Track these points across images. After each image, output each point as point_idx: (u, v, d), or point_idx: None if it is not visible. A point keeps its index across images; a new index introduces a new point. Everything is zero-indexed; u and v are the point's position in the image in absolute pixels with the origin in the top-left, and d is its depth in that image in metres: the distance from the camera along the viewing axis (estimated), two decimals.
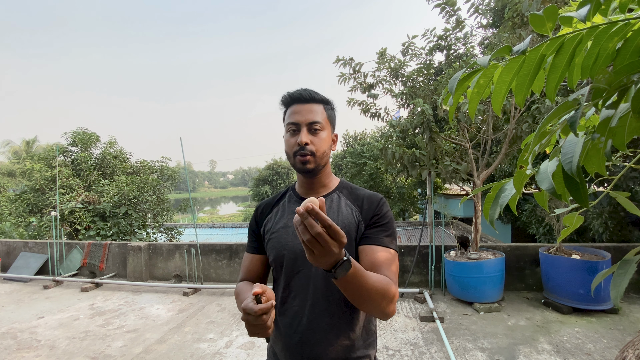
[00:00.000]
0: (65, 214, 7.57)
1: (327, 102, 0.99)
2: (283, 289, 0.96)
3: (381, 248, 0.89)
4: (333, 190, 1.02)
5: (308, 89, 0.96)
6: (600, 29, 0.39)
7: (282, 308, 0.96)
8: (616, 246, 4.21)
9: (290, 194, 1.05)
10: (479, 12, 4.44)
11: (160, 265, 5.46)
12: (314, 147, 0.93)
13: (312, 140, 0.93)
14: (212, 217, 39.72)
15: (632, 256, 0.53)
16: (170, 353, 3.06)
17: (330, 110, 1.00)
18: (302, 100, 0.95)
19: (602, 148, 0.37)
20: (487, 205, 0.54)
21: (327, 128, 0.97)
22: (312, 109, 0.94)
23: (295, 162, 0.94)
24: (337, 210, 0.96)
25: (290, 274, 0.94)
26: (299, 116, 0.93)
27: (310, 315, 0.91)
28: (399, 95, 4.69)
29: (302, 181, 1.02)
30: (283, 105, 0.99)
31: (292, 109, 0.95)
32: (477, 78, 0.47)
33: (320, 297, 0.91)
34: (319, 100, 0.97)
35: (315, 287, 0.92)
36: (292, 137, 0.94)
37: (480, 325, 3.37)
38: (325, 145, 0.96)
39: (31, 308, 4.30)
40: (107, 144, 9.77)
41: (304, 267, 0.93)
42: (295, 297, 0.94)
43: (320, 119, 0.94)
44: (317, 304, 0.91)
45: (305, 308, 0.92)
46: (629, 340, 2.51)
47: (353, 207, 0.97)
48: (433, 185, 11.63)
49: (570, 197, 0.39)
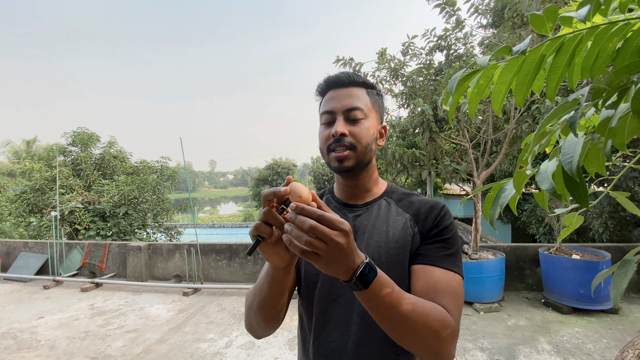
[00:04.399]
0: (65, 214, 7.57)
1: (371, 85, 0.80)
2: (317, 316, 0.76)
3: (441, 270, 0.69)
4: (380, 196, 0.83)
5: (347, 72, 0.78)
6: (600, 29, 0.39)
7: (317, 338, 0.76)
8: (616, 246, 4.21)
9: (328, 198, 0.87)
10: (479, 12, 4.43)
11: (160, 265, 5.46)
12: (353, 139, 0.74)
13: (351, 130, 0.74)
14: (212, 217, 39.72)
15: (632, 256, 0.53)
16: (170, 353, 3.06)
17: (375, 95, 0.80)
18: (340, 84, 0.77)
19: (602, 148, 0.37)
20: (487, 205, 0.54)
21: (372, 116, 0.78)
22: (351, 92, 0.76)
23: (330, 160, 0.76)
24: (386, 220, 0.77)
25: (327, 300, 0.76)
26: (335, 102, 0.76)
27: (354, 355, 0.72)
28: (399, 95, 4.69)
29: (342, 184, 0.83)
30: (319, 94, 0.82)
31: (328, 95, 0.78)
32: (477, 78, 0.47)
33: (368, 332, 0.72)
34: (361, 83, 0.78)
35: (362, 318, 0.72)
36: (327, 129, 0.76)
37: (480, 325, 3.37)
38: (369, 137, 0.76)
39: (31, 308, 4.30)
40: (107, 144, 9.78)
41: (344, 291, 0.74)
42: (335, 329, 0.74)
43: (362, 104, 0.76)
44: (364, 342, 0.72)
45: (347, 344, 0.73)
46: (629, 340, 2.51)
47: (406, 216, 0.77)
48: (433, 185, 11.63)
49: (570, 197, 0.39)
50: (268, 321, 0.72)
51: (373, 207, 0.80)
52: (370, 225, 0.78)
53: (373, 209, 0.80)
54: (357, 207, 0.81)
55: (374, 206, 0.81)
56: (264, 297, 0.68)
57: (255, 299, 0.70)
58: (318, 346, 0.76)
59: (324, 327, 0.76)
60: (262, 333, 0.76)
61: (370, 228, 0.77)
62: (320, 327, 0.76)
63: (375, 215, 0.79)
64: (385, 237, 0.75)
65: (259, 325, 0.74)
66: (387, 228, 0.76)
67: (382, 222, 0.78)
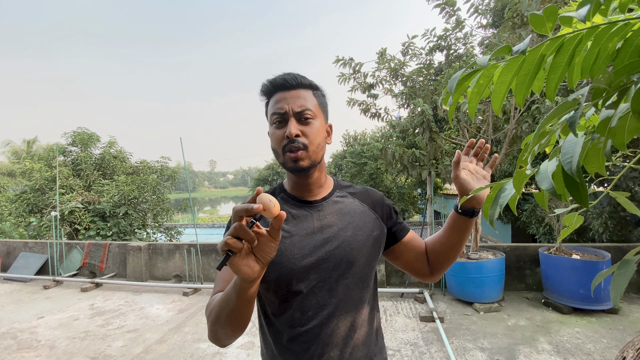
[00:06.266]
0: (65, 214, 7.57)
1: (316, 87, 0.85)
2: (294, 310, 0.80)
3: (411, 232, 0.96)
4: (332, 190, 0.91)
5: (293, 73, 0.81)
6: (600, 29, 0.39)
7: (292, 332, 0.80)
8: (616, 246, 4.20)
9: (283, 197, 0.89)
10: (478, 12, 4.43)
11: (160, 265, 5.46)
12: (306, 139, 0.77)
13: (304, 130, 0.78)
14: (212, 217, 39.69)
15: (632, 256, 0.53)
16: (170, 353, 3.06)
17: (320, 96, 0.85)
18: (288, 86, 0.80)
19: (602, 148, 0.37)
20: (487, 205, 0.54)
21: (320, 116, 0.82)
22: (299, 94, 0.79)
23: (285, 160, 0.79)
24: (347, 212, 0.88)
25: (302, 292, 0.79)
26: (285, 104, 0.78)
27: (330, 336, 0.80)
28: (399, 95, 4.69)
29: (296, 182, 0.86)
30: (264, 95, 0.84)
31: (275, 97, 0.80)
32: (477, 78, 0.47)
33: (342, 315, 0.81)
34: (307, 85, 0.82)
35: (336, 304, 0.81)
36: (279, 130, 0.79)
37: (480, 325, 3.37)
38: (320, 137, 0.81)
39: (31, 308, 4.30)
40: (107, 144, 9.78)
41: (317, 280, 0.80)
42: (312, 317, 0.80)
43: (311, 105, 0.80)
44: (339, 324, 0.81)
45: (323, 329, 0.80)
46: (629, 340, 2.51)
47: (365, 205, 0.90)
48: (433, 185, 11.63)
49: (570, 197, 0.39)
50: (236, 330, 0.73)
51: (330, 201, 0.88)
52: (334, 217, 0.85)
53: (331, 203, 0.88)
54: (317, 202, 0.87)
55: (331, 200, 0.88)
56: (232, 309, 0.68)
57: (223, 312, 0.70)
58: (298, 335, 0.80)
59: (302, 317, 0.79)
60: (228, 342, 0.77)
61: (336, 220, 0.85)
62: (298, 318, 0.80)
63: (335, 208, 0.87)
64: (351, 225, 0.85)
65: (226, 336, 0.74)
66: (350, 218, 0.86)
67: (343, 213, 0.86)
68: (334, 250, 0.81)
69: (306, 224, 0.83)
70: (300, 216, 0.84)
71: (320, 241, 0.81)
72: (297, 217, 0.84)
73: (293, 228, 0.82)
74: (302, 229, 0.82)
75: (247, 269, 0.60)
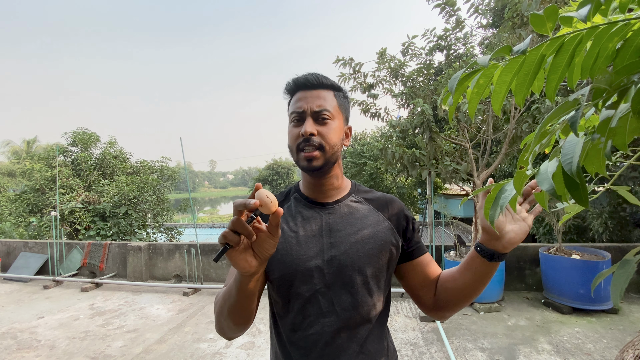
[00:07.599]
0: (65, 214, 7.57)
1: (338, 88, 0.85)
2: (295, 313, 0.79)
3: (427, 254, 0.87)
4: (347, 193, 0.87)
5: (315, 73, 0.81)
6: (600, 29, 0.39)
7: (296, 331, 0.79)
8: (616, 246, 4.20)
9: (296, 196, 0.88)
10: (478, 12, 4.43)
11: (160, 265, 5.46)
12: (322, 139, 0.77)
13: (320, 130, 0.77)
14: (212, 217, 39.68)
15: (632, 256, 0.53)
16: (170, 353, 3.06)
17: (342, 98, 0.85)
18: (309, 86, 0.80)
19: (602, 148, 0.37)
20: (487, 205, 0.54)
21: (338, 118, 0.82)
22: (319, 95, 0.80)
23: (299, 159, 0.78)
24: (359, 217, 0.83)
25: (304, 295, 0.78)
26: (304, 103, 0.78)
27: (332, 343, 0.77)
28: (399, 95, 4.68)
29: (310, 182, 0.85)
30: (287, 93, 0.84)
31: (297, 96, 0.81)
32: (477, 78, 0.47)
33: (345, 321, 0.77)
34: (329, 85, 0.82)
35: (340, 311, 0.77)
36: (296, 128, 0.79)
37: (480, 325, 3.37)
38: (336, 138, 0.80)
39: (31, 308, 4.30)
40: (107, 144, 9.78)
41: (321, 284, 0.78)
42: (314, 322, 0.77)
43: (330, 106, 0.79)
44: (342, 330, 0.77)
45: (324, 336, 0.77)
46: (629, 340, 2.51)
47: (379, 213, 0.85)
48: (433, 185, 11.63)
49: (570, 197, 0.39)
50: (239, 324, 0.74)
51: (343, 205, 0.85)
52: (344, 222, 0.82)
53: (343, 207, 0.85)
54: (328, 205, 0.85)
55: (344, 204, 0.85)
56: (233, 303, 0.70)
57: (225, 305, 0.72)
58: (294, 342, 0.79)
59: (302, 322, 0.78)
60: (233, 335, 0.78)
61: (345, 225, 0.82)
62: (299, 322, 0.78)
63: (347, 212, 0.84)
64: (360, 232, 0.81)
65: (230, 329, 0.75)
66: (361, 224, 0.82)
67: (355, 218, 0.83)
68: (339, 256, 0.78)
69: (314, 226, 0.82)
70: (309, 217, 0.83)
71: (326, 245, 0.80)
72: (306, 218, 0.83)
73: (300, 228, 0.82)
74: (309, 230, 0.81)
75: (244, 263, 0.60)
